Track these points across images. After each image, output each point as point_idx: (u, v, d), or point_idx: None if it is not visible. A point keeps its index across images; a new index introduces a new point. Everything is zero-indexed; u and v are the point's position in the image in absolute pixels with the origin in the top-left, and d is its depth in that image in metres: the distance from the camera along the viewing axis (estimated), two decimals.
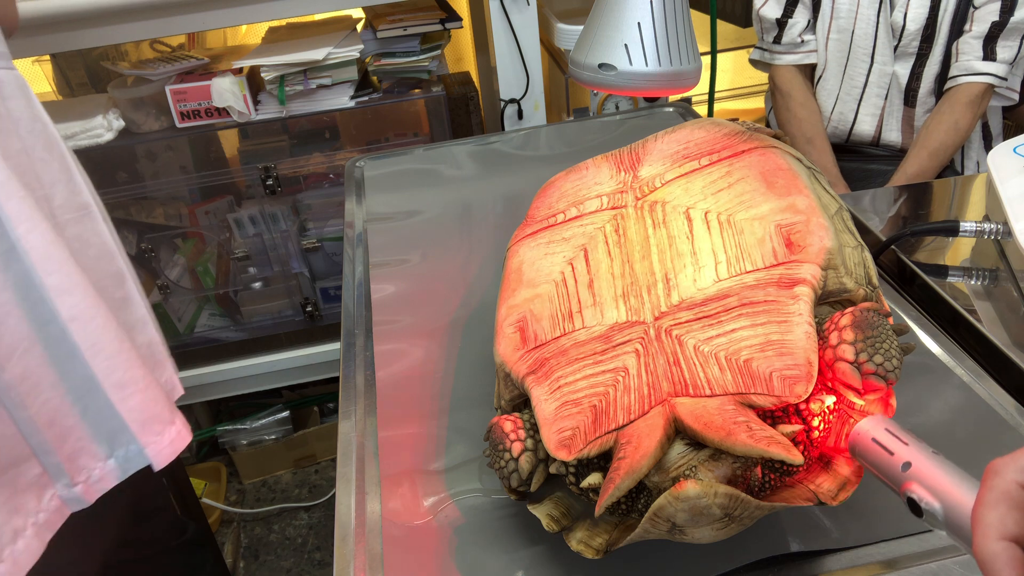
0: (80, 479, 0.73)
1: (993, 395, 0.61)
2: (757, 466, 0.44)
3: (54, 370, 0.69)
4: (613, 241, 0.55)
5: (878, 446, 0.41)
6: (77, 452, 0.72)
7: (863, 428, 0.42)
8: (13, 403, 0.66)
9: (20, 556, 0.67)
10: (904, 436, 0.41)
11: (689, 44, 0.70)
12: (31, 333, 0.67)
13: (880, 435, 0.41)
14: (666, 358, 0.46)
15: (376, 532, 0.56)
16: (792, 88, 1.45)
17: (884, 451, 0.40)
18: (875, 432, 0.42)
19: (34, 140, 0.75)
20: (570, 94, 1.66)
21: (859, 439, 0.42)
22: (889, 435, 0.41)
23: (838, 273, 0.49)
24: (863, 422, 0.43)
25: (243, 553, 1.74)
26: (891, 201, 0.93)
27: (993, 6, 1.25)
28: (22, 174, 0.69)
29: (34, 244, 0.66)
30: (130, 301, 0.84)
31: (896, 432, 0.41)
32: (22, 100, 0.75)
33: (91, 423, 0.73)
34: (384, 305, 0.81)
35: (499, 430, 0.50)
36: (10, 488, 0.68)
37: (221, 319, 1.79)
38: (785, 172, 0.55)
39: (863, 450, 0.42)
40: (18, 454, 0.68)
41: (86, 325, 0.70)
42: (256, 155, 1.63)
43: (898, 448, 0.40)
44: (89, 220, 0.80)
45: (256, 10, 1.36)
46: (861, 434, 0.42)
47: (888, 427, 0.42)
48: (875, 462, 0.41)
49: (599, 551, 0.47)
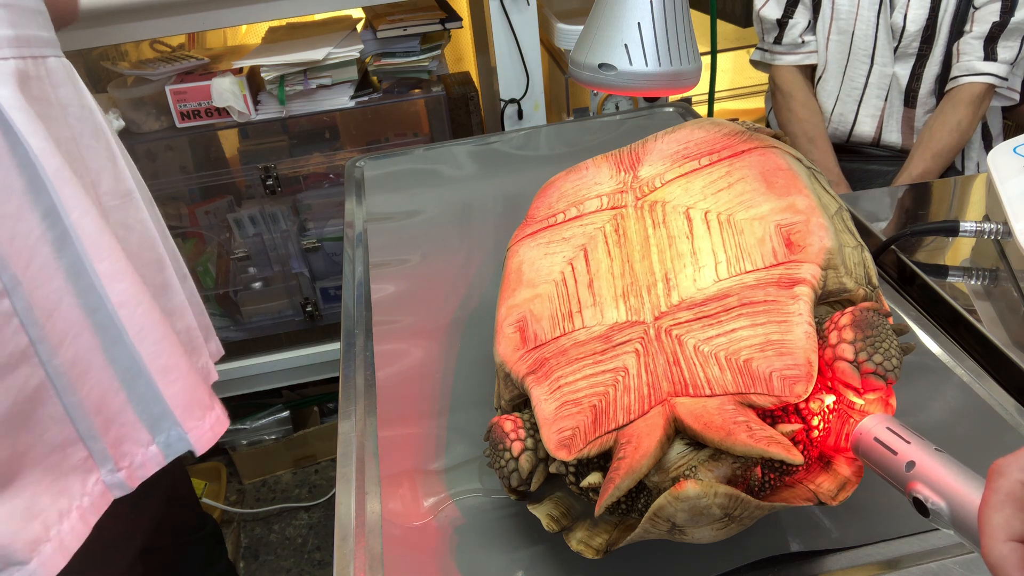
0: (124, 464, 0.74)
1: (993, 395, 0.61)
2: (757, 466, 0.44)
3: (103, 355, 0.70)
4: (613, 241, 0.55)
5: (881, 445, 0.40)
6: (122, 437, 0.73)
7: (865, 427, 0.42)
8: (64, 387, 0.67)
9: (66, 537, 0.68)
10: (906, 434, 0.40)
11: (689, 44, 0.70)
12: (82, 318, 0.68)
13: (882, 434, 0.41)
14: (666, 358, 0.46)
15: (376, 532, 0.56)
16: (793, 88, 1.45)
17: (887, 450, 0.40)
18: (877, 431, 0.41)
19: (82, 127, 0.75)
20: (570, 94, 1.66)
21: (861, 438, 0.42)
22: (891, 434, 0.41)
23: (838, 273, 0.49)
24: (865, 421, 0.42)
25: (243, 553, 1.74)
26: (891, 201, 0.93)
27: (994, 6, 1.25)
28: (71, 160, 0.70)
29: (86, 230, 0.67)
30: (169, 287, 0.85)
31: (898, 430, 0.41)
32: (71, 87, 0.76)
33: (137, 408, 0.74)
34: (384, 305, 0.81)
35: (499, 430, 0.50)
36: (56, 471, 0.68)
37: (221, 319, 1.79)
38: (785, 172, 0.55)
39: (866, 449, 0.42)
40: (65, 438, 0.69)
41: (133, 311, 0.70)
42: (256, 155, 1.63)
43: (901, 447, 0.39)
44: (132, 206, 0.80)
45: (256, 10, 1.36)
46: (863, 433, 0.42)
47: (890, 425, 0.41)
48: (878, 462, 0.41)
49: (599, 551, 0.47)
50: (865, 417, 0.43)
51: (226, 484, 1.88)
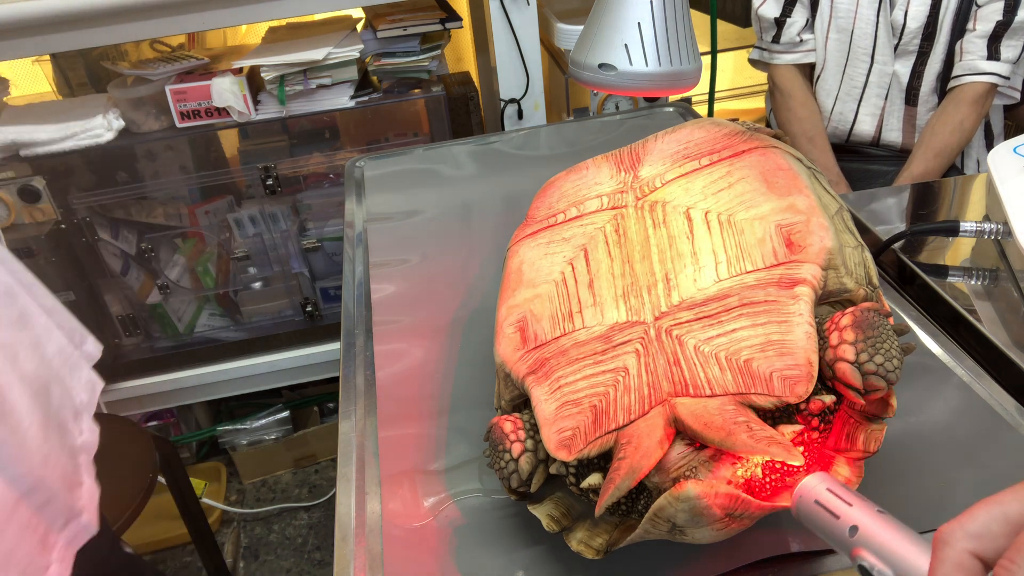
0: None
1: (993, 395, 0.61)
2: (757, 466, 0.44)
3: None
4: (613, 241, 0.55)
5: (822, 509, 0.39)
6: None
7: (806, 488, 0.40)
8: None
9: None
10: (848, 495, 0.38)
11: (689, 44, 0.70)
12: None
13: (823, 496, 0.39)
14: (666, 358, 0.46)
15: (376, 532, 0.56)
16: (792, 87, 1.45)
17: (829, 514, 0.38)
18: (818, 493, 0.39)
19: None
20: (570, 94, 1.66)
21: (802, 501, 0.40)
22: (833, 496, 0.39)
23: (838, 273, 0.49)
24: (805, 482, 0.40)
25: (243, 553, 1.74)
26: (891, 201, 0.93)
27: (996, 5, 1.25)
28: None
29: None
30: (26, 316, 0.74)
31: (839, 492, 0.39)
32: None
33: None
34: (384, 305, 0.81)
35: (499, 431, 0.50)
36: None
37: (221, 319, 1.79)
38: (785, 172, 0.55)
39: (807, 512, 0.40)
40: None
41: None
42: (256, 155, 1.63)
43: (843, 510, 0.37)
44: None
45: (256, 10, 1.36)
46: (804, 495, 0.40)
47: (831, 486, 0.39)
48: (821, 526, 0.39)
49: (599, 551, 0.47)
50: (805, 477, 0.41)
51: (226, 484, 1.88)
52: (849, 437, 0.46)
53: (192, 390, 1.75)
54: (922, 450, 0.57)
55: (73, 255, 1.55)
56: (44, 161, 1.45)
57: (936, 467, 0.55)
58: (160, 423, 1.85)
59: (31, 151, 1.42)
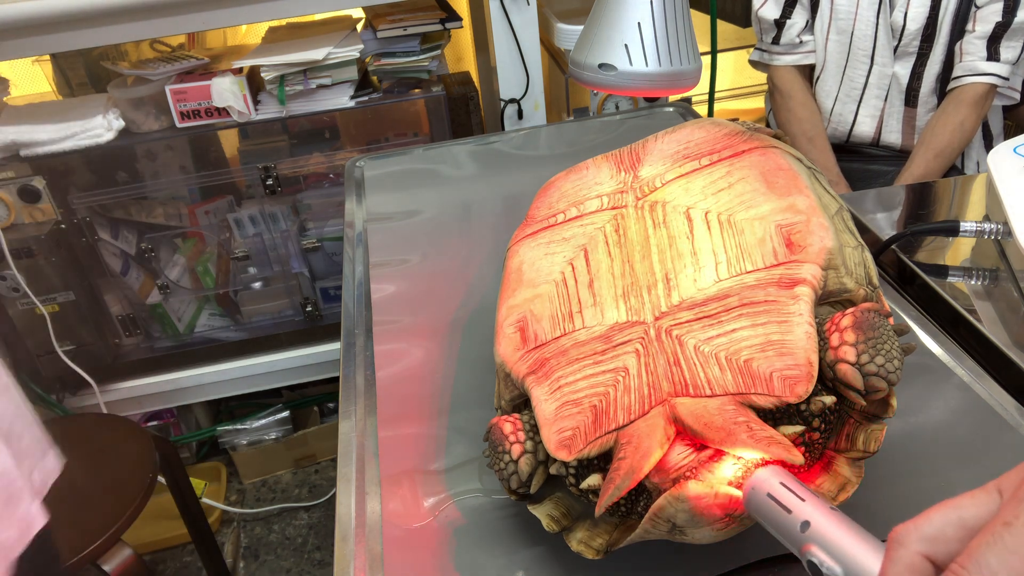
0: None
1: (993, 395, 0.61)
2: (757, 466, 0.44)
3: None
4: (613, 241, 0.55)
5: (774, 502, 0.38)
6: None
7: (758, 481, 0.39)
8: None
9: None
10: (801, 491, 0.38)
11: (689, 44, 0.70)
12: None
13: (776, 490, 0.38)
14: (666, 358, 0.46)
15: (376, 532, 0.56)
16: (792, 88, 1.45)
17: (781, 508, 0.37)
18: (771, 486, 0.39)
19: None
20: (570, 94, 1.66)
21: (754, 493, 0.39)
22: (785, 490, 0.38)
23: (838, 273, 0.49)
24: (757, 474, 0.40)
25: (243, 553, 1.74)
26: (891, 201, 0.93)
27: (996, 6, 1.25)
28: None
29: None
30: None
31: (792, 486, 0.38)
32: None
33: None
34: (384, 305, 0.81)
35: (498, 432, 0.50)
36: None
37: (221, 319, 1.79)
38: (785, 172, 0.55)
39: (758, 505, 0.39)
40: None
41: None
42: (256, 155, 1.63)
43: (796, 505, 0.37)
44: None
45: (256, 10, 1.36)
46: (756, 488, 0.39)
47: (784, 480, 0.39)
48: (772, 520, 0.38)
49: (599, 551, 0.47)
50: (758, 470, 0.40)
51: (226, 484, 1.88)
52: (849, 437, 0.46)
53: (192, 390, 1.75)
54: (922, 450, 0.57)
55: (73, 255, 1.55)
56: (44, 161, 1.45)
57: (936, 467, 0.55)
58: (160, 423, 1.85)
59: (31, 151, 1.42)
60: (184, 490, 1.39)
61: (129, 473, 1.19)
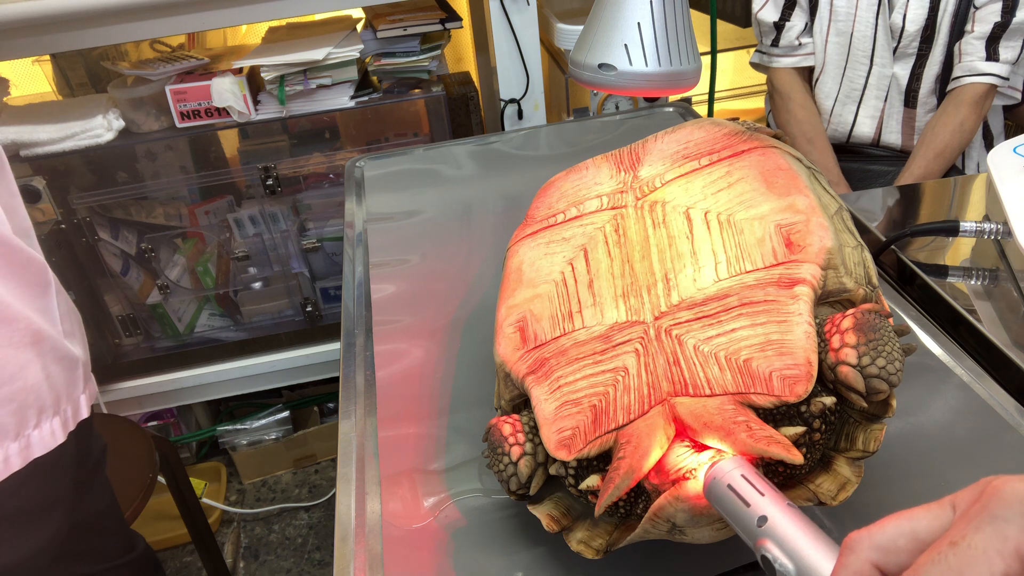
0: None
1: (993, 395, 0.61)
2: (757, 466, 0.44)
3: None
4: (613, 241, 0.55)
5: (734, 494, 0.38)
6: None
7: (719, 471, 0.40)
8: None
9: None
10: (761, 485, 0.38)
11: (689, 44, 0.70)
12: None
13: (736, 481, 0.38)
14: (666, 358, 0.46)
15: (376, 532, 0.56)
16: (791, 90, 1.45)
17: (740, 500, 0.37)
18: (731, 478, 0.39)
19: None
20: (570, 94, 1.66)
21: (715, 483, 0.40)
22: (745, 483, 0.38)
23: (838, 273, 0.49)
24: (720, 465, 0.40)
25: (243, 553, 1.74)
26: (891, 201, 0.93)
27: (995, 6, 1.25)
28: None
29: None
30: None
31: (753, 480, 0.38)
32: None
33: None
34: (384, 305, 0.81)
35: (498, 433, 0.50)
36: None
37: (221, 319, 1.79)
38: (785, 172, 0.55)
39: (718, 495, 0.39)
40: None
41: None
42: (256, 155, 1.63)
43: (754, 498, 0.37)
44: None
45: (256, 10, 1.36)
46: (717, 478, 0.39)
47: (745, 473, 0.39)
48: (730, 511, 0.38)
49: (599, 551, 0.47)
50: (722, 460, 0.40)
51: (226, 484, 1.88)
52: (849, 437, 0.46)
53: (192, 390, 1.75)
54: (922, 450, 0.57)
55: (73, 255, 1.55)
56: (44, 161, 1.45)
57: (936, 467, 0.55)
58: (160, 423, 1.85)
59: (31, 151, 1.42)
60: (184, 490, 1.39)
61: (129, 473, 1.19)
